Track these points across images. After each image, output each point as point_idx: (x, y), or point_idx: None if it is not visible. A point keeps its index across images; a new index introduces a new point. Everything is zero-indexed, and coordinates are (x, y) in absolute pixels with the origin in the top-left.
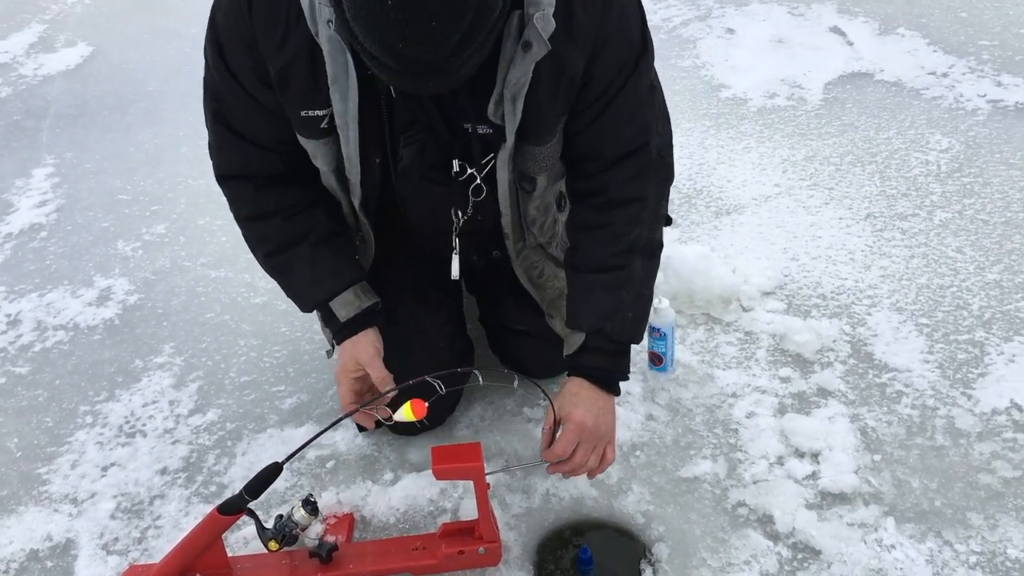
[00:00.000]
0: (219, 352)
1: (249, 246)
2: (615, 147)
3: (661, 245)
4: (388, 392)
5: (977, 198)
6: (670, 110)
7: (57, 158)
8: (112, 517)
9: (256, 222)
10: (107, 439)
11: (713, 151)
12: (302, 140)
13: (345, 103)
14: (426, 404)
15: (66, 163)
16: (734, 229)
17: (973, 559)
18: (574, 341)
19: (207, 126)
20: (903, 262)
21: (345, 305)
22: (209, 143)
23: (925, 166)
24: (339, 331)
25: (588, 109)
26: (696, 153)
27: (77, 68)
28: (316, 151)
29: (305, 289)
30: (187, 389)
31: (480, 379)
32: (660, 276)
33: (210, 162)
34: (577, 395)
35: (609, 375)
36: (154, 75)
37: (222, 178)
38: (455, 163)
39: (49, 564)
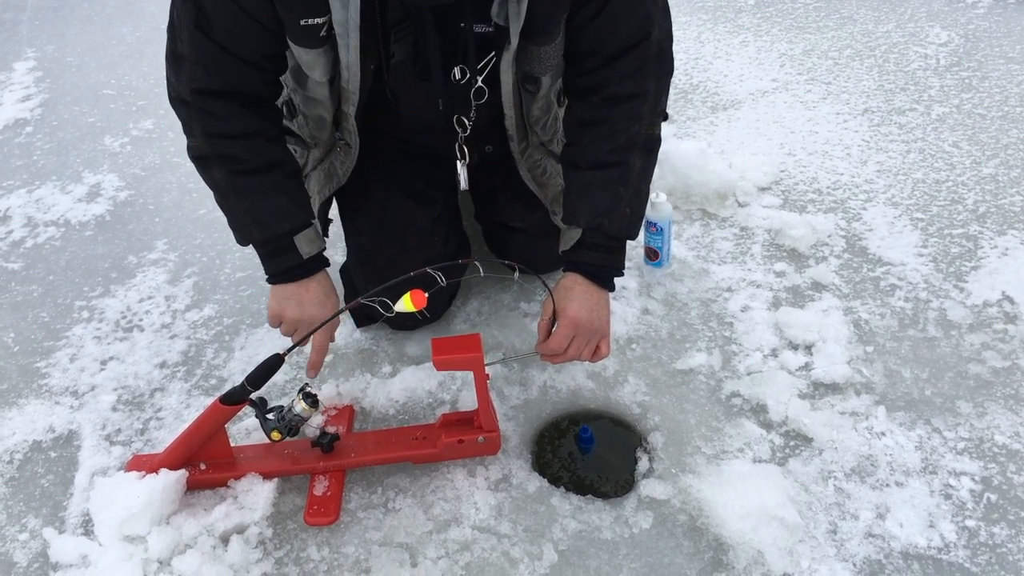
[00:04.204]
0: (213, 248)
1: (208, 163)
2: (617, 41)
3: (659, 140)
4: (394, 282)
5: (975, 92)
6: None
7: (38, 51)
8: (113, 409)
9: (235, 140)
10: (104, 334)
11: (710, 45)
12: (298, 51)
13: (346, 10)
14: (426, 295)
15: (48, 56)
16: (731, 124)
17: (961, 445)
18: (571, 236)
19: (179, 35)
20: (899, 157)
21: (309, 241)
22: (178, 54)
23: (924, 60)
24: (297, 267)
25: (592, 1)
26: (692, 48)
27: None
28: (315, 61)
29: (272, 216)
30: (183, 285)
31: (481, 270)
32: (656, 172)
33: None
34: (572, 290)
35: (605, 271)
36: None
37: (199, 93)
38: (456, 70)
39: (53, 455)
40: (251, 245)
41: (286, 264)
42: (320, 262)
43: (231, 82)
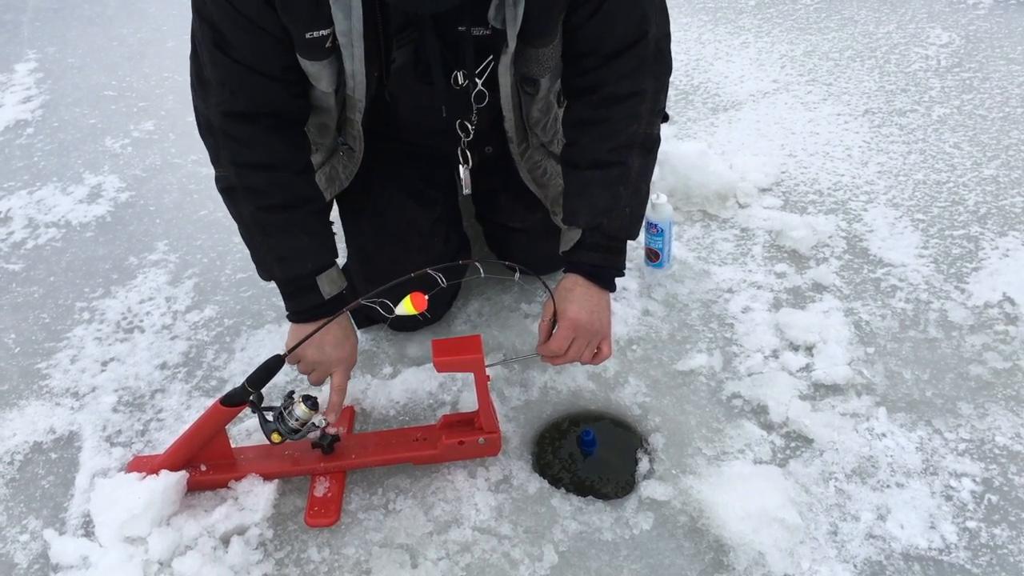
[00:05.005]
0: (214, 249)
1: (235, 195)
2: (614, 40)
3: (659, 140)
4: (393, 283)
5: (976, 93)
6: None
7: (39, 53)
8: (114, 410)
9: (261, 172)
10: (105, 335)
11: (711, 46)
12: (305, 64)
13: (349, 20)
14: (426, 297)
15: (49, 58)
16: (731, 125)
17: (962, 446)
18: (571, 237)
19: (201, 59)
20: (900, 158)
21: (331, 282)
22: (204, 79)
23: (925, 61)
24: (318, 307)
25: (588, 1)
26: (693, 49)
27: None
28: (320, 73)
29: (295, 255)
30: (183, 286)
31: (481, 271)
32: (657, 173)
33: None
34: (572, 291)
35: (606, 271)
36: None
37: (226, 116)
38: (458, 74)
39: (53, 456)
40: (273, 282)
41: (307, 304)
42: (341, 302)
43: (256, 100)
